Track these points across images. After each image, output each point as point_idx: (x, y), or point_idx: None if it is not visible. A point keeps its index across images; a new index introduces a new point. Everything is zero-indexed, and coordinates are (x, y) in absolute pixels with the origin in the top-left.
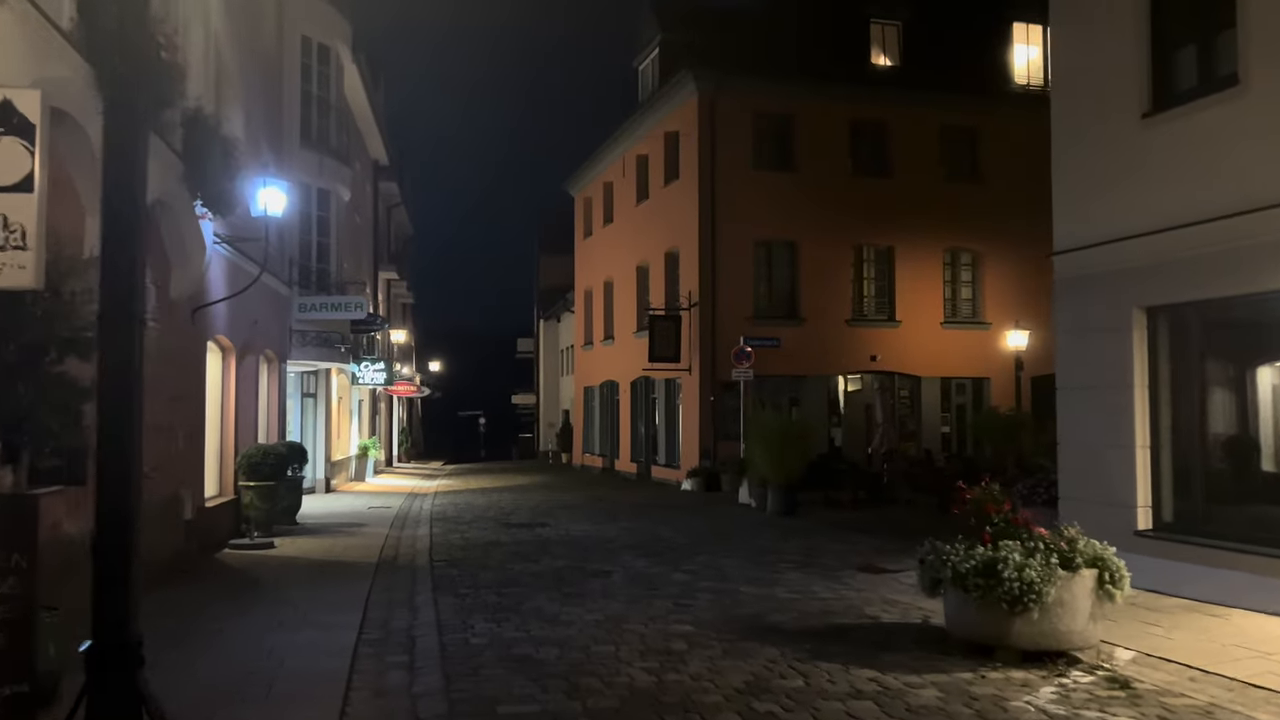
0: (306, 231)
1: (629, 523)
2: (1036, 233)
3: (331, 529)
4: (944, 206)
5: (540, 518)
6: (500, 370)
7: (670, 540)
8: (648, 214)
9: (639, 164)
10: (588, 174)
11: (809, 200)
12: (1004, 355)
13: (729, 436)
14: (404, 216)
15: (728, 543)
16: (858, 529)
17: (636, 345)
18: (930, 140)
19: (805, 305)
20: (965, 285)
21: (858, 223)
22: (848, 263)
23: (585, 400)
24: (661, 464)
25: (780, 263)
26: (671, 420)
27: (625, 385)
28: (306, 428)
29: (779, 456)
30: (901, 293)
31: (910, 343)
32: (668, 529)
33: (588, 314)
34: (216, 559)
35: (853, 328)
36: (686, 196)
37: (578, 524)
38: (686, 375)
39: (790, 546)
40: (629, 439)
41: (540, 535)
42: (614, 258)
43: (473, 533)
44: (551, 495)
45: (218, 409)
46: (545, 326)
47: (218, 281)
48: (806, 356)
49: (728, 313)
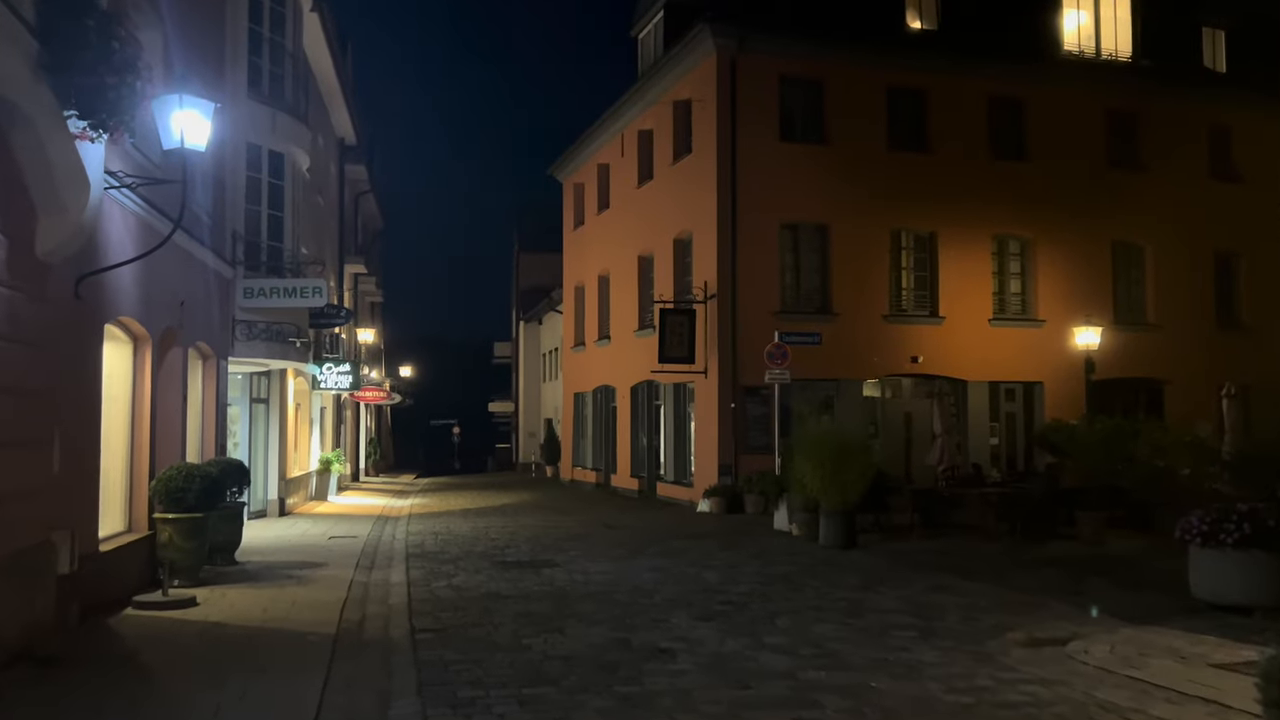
0: (255, 201)
1: (657, 559)
2: (1092, 217)
3: (280, 571)
4: (990, 187)
5: (543, 552)
6: (476, 377)
7: (723, 589)
8: (652, 196)
9: (641, 140)
10: (578, 156)
11: (841, 178)
12: (1060, 356)
13: (753, 450)
14: (373, 206)
15: (798, 592)
16: (946, 568)
17: (638, 346)
18: (974, 112)
19: (838, 299)
20: (1014, 277)
21: (896, 204)
22: (885, 250)
23: (576, 408)
24: (669, 481)
25: (809, 249)
26: (681, 431)
27: (624, 391)
28: (256, 440)
29: (834, 475)
30: (945, 285)
31: (955, 342)
32: (711, 571)
33: (579, 312)
34: (107, 628)
35: (891, 325)
36: (702, 173)
37: (594, 562)
38: (701, 379)
39: (883, 600)
40: (628, 452)
41: (552, 581)
42: (611, 248)
43: (462, 577)
44: (547, 519)
45: (125, 417)
46: (525, 329)
47: (119, 242)
48: (839, 358)
49: (750, 307)
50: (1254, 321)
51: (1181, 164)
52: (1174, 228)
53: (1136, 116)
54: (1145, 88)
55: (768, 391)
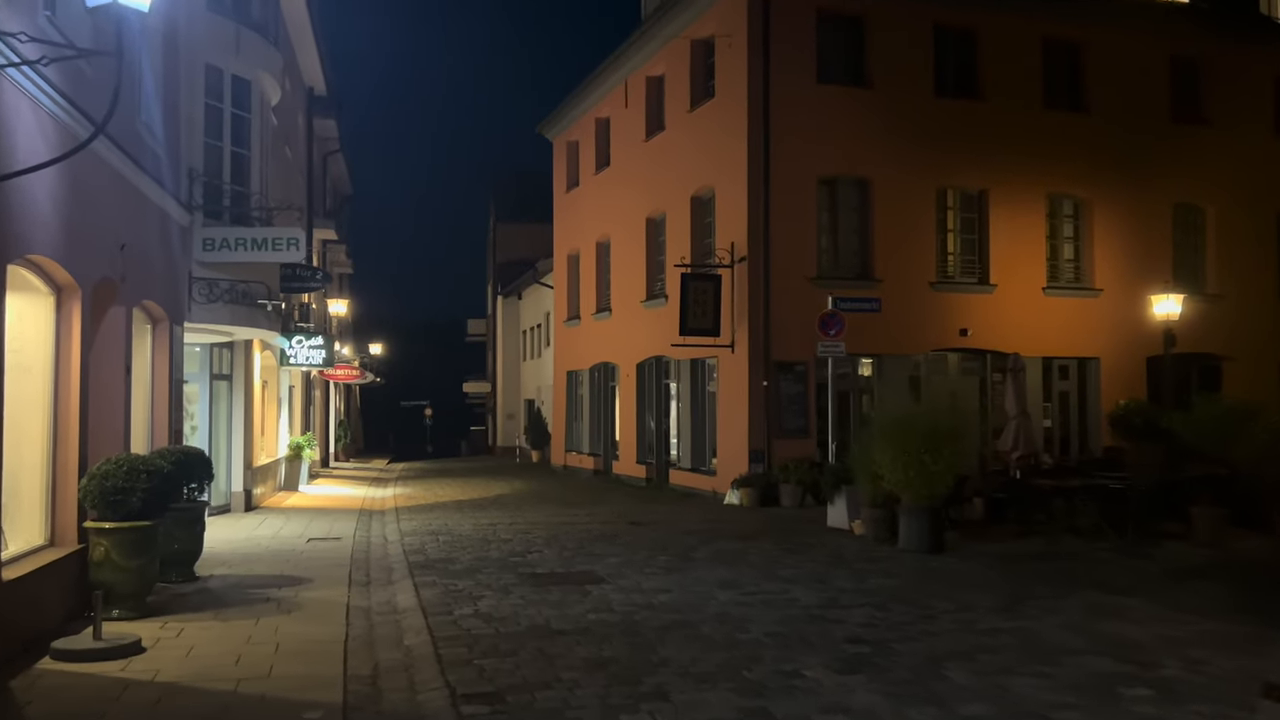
0: (215, 135)
1: (718, 569)
2: (1153, 176)
3: (253, 591)
4: (1044, 140)
5: (575, 560)
6: (448, 356)
7: (833, 617)
8: (664, 149)
9: (650, 87)
10: (573, 111)
11: (884, 127)
12: (1118, 329)
13: (788, 434)
14: (343, 168)
15: (931, 620)
16: (1080, 580)
17: (646, 318)
18: (1028, 56)
19: (880, 263)
20: (1068, 242)
21: (942, 158)
22: (931, 209)
23: (569, 387)
24: (684, 468)
25: (848, 207)
26: (700, 413)
27: (628, 368)
28: (218, 423)
29: (921, 465)
30: (996, 249)
31: (1006, 313)
32: (797, 587)
33: (573, 283)
34: (4, 695)
35: (938, 293)
36: (728, 119)
37: (645, 575)
38: (727, 353)
39: (1052, 631)
40: (633, 436)
41: (608, 605)
42: (612, 210)
43: (489, 599)
44: (557, 514)
45: (44, 394)
46: (504, 304)
47: (27, 149)
48: (882, 330)
49: (785, 272)
50: None
51: (1245, 119)
52: (1237, 189)
53: (1198, 65)
54: (1206, 33)
55: (803, 368)
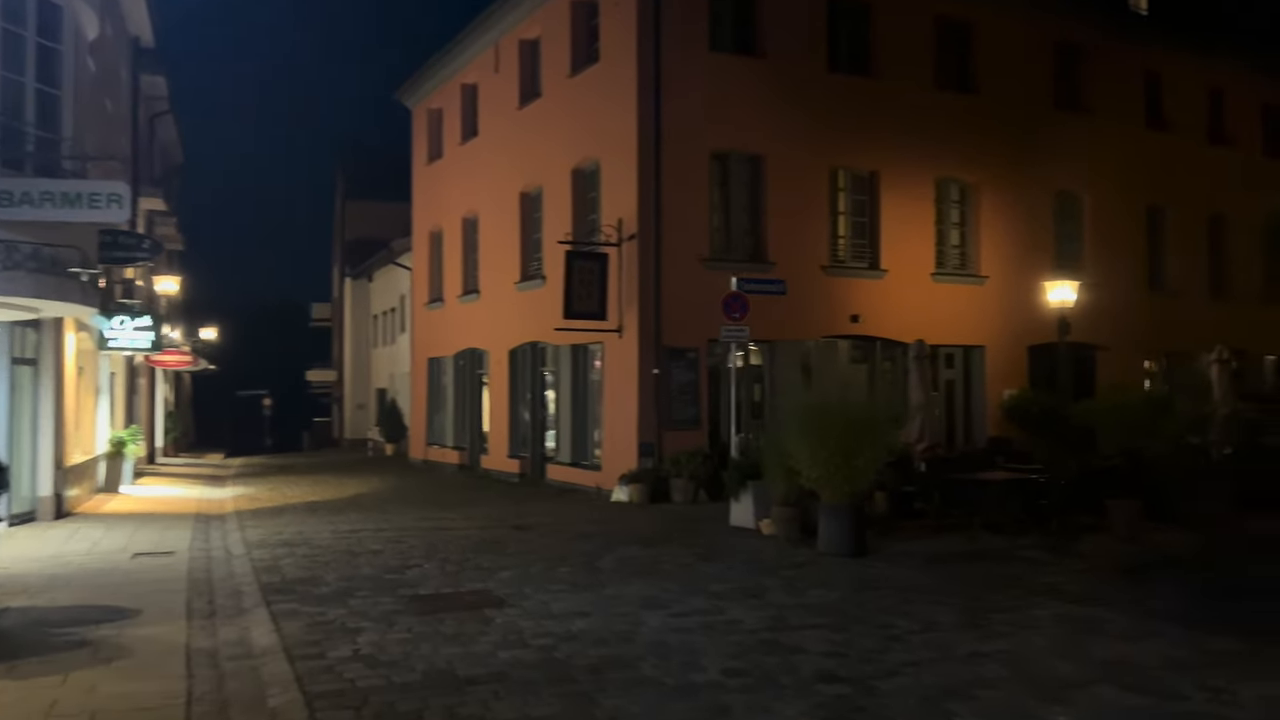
0: (17, 68)
1: (635, 584)
2: (1037, 162)
3: (57, 632)
4: (934, 123)
5: (465, 576)
6: (290, 342)
7: (788, 644)
8: (541, 118)
9: (524, 51)
10: (435, 76)
11: (778, 100)
12: (1004, 317)
13: (678, 424)
14: (173, 133)
15: (894, 640)
16: (1035, 586)
17: (520, 301)
18: (920, 34)
19: (773, 245)
20: (955, 228)
21: (835, 136)
22: (823, 190)
23: (431, 376)
24: (564, 462)
25: (739, 184)
26: (582, 402)
27: (499, 355)
28: (20, 416)
29: (843, 460)
30: (887, 234)
31: (897, 300)
32: (731, 604)
33: (435, 263)
34: None
35: (830, 278)
36: (614, 86)
37: (552, 594)
38: (614, 339)
39: (1036, 654)
40: (505, 428)
41: (521, 638)
42: (481, 184)
43: (370, 633)
44: (429, 518)
45: None
46: (353, 287)
47: None
48: (774, 315)
49: (676, 251)
50: (1179, 285)
51: (1120, 110)
52: (1112, 179)
53: (1079, 54)
54: (1085, 23)
55: (695, 354)
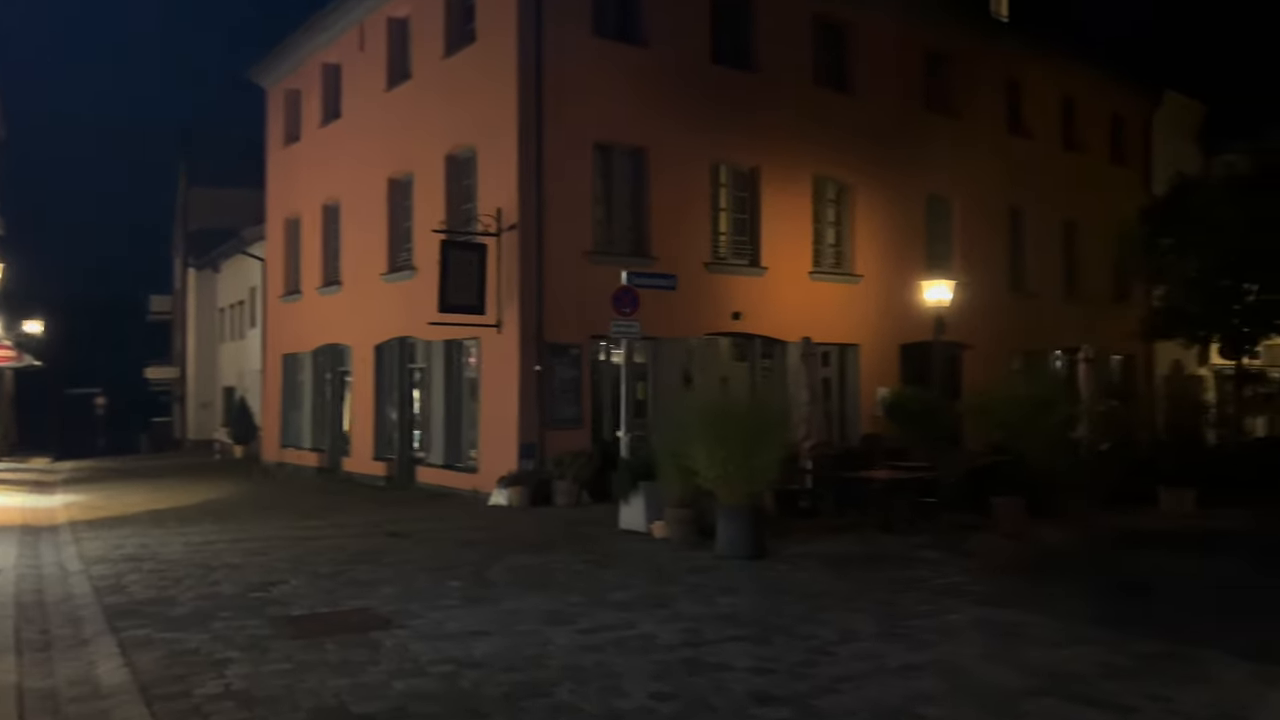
0: None
1: (532, 597)
2: (909, 164)
3: None
4: (813, 120)
5: (343, 593)
6: (127, 336)
7: (705, 658)
8: (411, 101)
9: (393, 30)
10: (293, 55)
11: (660, 91)
12: (877, 316)
13: (560, 424)
14: None
15: (821, 653)
16: (943, 588)
17: (389, 293)
18: (800, 30)
19: (656, 240)
20: (831, 226)
21: (717, 131)
22: (705, 185)
23: (286, 373)
24: (436, 464)
25: (623, 177)
26: (456, 401)
27: (363, 351)
28: None
29: (742, 458)
30: (767, 231)
31: (776, 297)
32: (638, 615)
33: (291, 253)
34: None
35: (712, 274)
36: (493, 68)
37: (445, 612)
38: (493, 334)
39: (971, 663)
40: (370, 429)
41: (418, 666)
42: (343, 169)
43: (241, 665)
44: (292, 526)
45: None
46: (197, 278)
47: None
48: (658, 311)
49: (559, 244)
50: (1038, 286)
51: (985, 115)
52: (978, 183)
53: (948, 58)
54: (954, 27)
55: (578, 351)
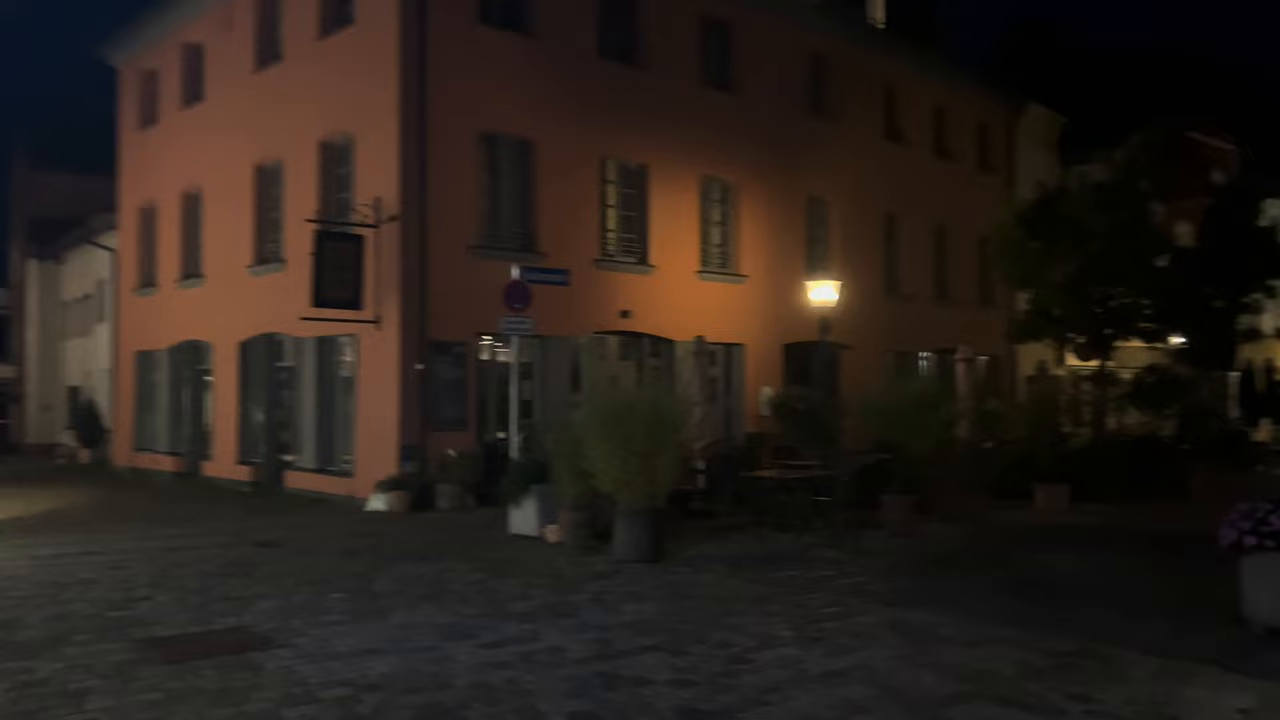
0: None
1: (427, 609)
2: (792, 167)
3: None
4: (700, 120)
5: (215, 610)
6: None
7: (620, 671)
8: (282, 84)
9: (262, 8)
10: (150, 32)
11: (548, 82)
12: (762, 317)
13: (444, 425)
14: None
15: (741, 662)
16: (848, 589)
17: (256, 287)
18: (686, 27)
19: (544, 235)
20: (717, 226)
21: (605, 126)
22: (594, 181)
23: (140, 372)
24: (307, 468)
25: (509, 171)
26: (330, 402)
27: (226, 348)
28: None
29: (643, 459)
30: (655, 229)
31: (664, 296)
32: (543, 627)
33: (146, 243)
34: None
35: (601, 272)
36: (373, 51)
37: (331, 629)
38: (370, 330)
39: (894, 666)
40: (233, 431)
41: (309, 692)
42: (206, 155)
43: (103, 696)
44: (150, 536)
45: None
46: (39, 270)
47: None
48: (544, 309)
49: (443, 237)
50: (911, 289)
51: (863, 120)
52: (855, 187)
53: (828, 63)
54: (835, 32)
55: (463, 349)
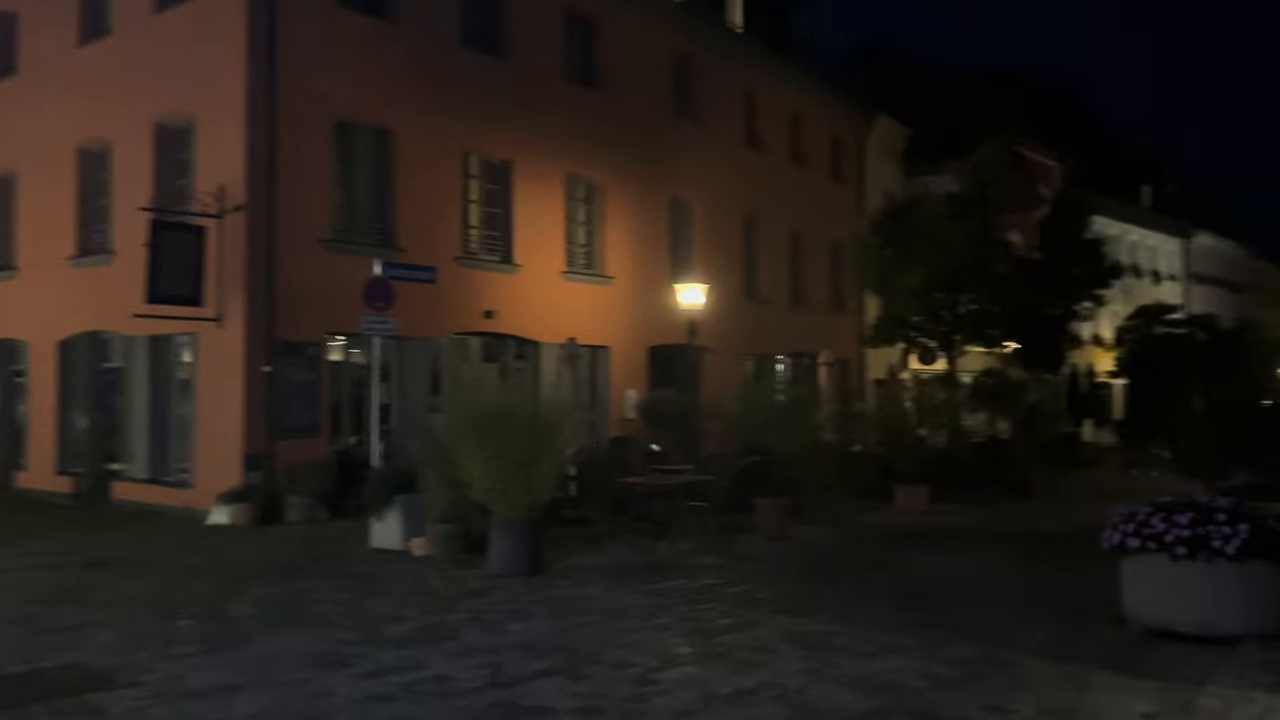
0: None
1: (294, 637)
2: (656, 167)
3: None
4: (565, 116)
5: (45, 643)
6: None
7: (521, 702)
8: (110, 60)
9: None
10: None
11: (408, 71)
12: (627, 319)
13: (294, 433)
14: None
15: (648, 684)
16: (733, 598)
17: (79, 280)
18: (550, 20)
19: (403, 230)
20: (582, 226)
21: (468, 119)
22: (456, 175)
23: None
24: (139, 479)
25: (366, 161)
26: (165, 406)
27: (44, 348)
28: None
29: (521, 468)
30: (520, 227)
31: (529, 297)
32: (425, 653)
33: None
34: None
35: (463, 270)
36: (217, 29)
37: (184, 664)
38: (211, 329)
39: (804, 681)
40: (52, 438)
41: None
42: (20, 134)
43: None
44: None
45: None
46: None
47: None
48: (404, 308)
49: (293, 230)
50: (768, 294)
51: (725, 124)
52: (717, 190)
53: (692, 65)
54: (699, 33)
55: (315, 350)
